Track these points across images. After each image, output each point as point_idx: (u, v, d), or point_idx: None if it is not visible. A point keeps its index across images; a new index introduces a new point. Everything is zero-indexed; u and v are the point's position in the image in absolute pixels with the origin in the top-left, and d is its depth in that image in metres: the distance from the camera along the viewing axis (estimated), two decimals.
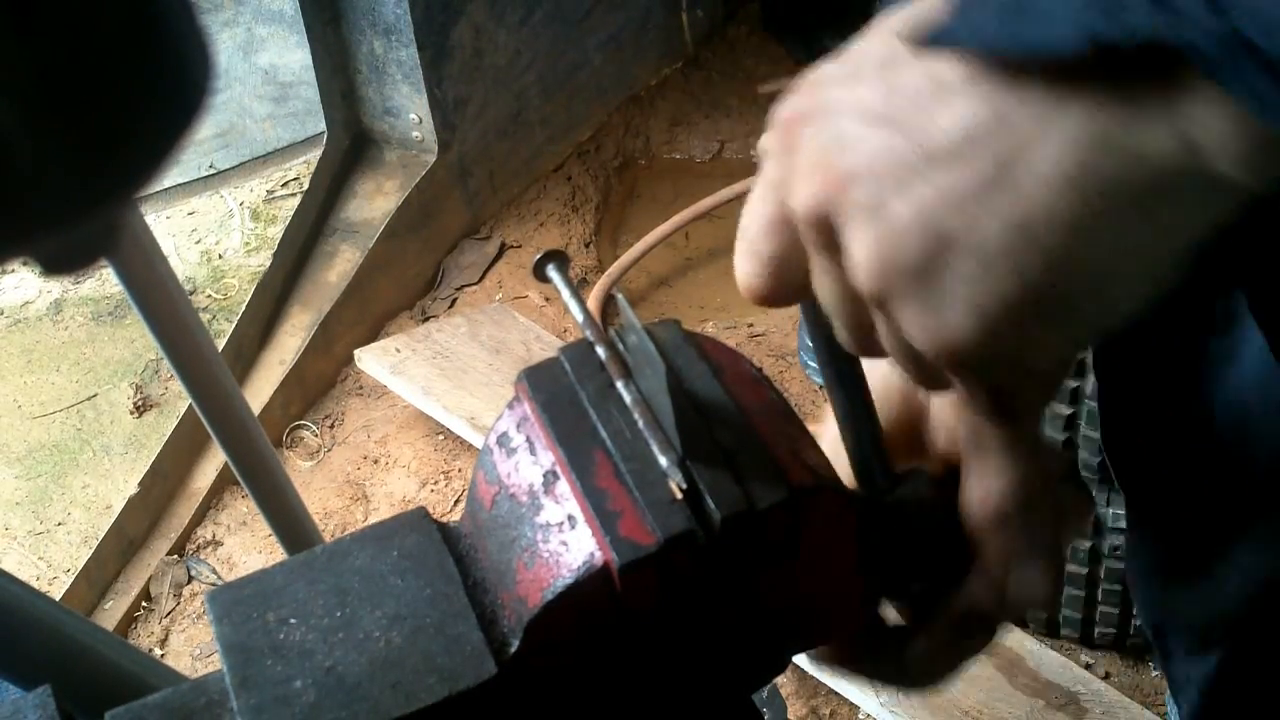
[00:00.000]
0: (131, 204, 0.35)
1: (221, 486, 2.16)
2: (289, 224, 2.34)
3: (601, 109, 2.81)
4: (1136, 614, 1.67)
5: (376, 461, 2.22)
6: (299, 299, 2.32)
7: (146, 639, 2.00)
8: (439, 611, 0.47)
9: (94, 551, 2.00)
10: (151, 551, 2.08)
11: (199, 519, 2.13)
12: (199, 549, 2.11)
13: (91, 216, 0.31)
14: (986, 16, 0.38)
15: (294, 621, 0.47)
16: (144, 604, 2.04)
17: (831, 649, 0.55)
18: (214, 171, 2.66)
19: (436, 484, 2.17)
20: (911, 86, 0.39)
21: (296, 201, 2.40)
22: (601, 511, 0.44)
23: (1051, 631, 1.80)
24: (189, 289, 2.40)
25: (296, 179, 2.60)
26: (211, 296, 2.44)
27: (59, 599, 1.86)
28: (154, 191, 2.49)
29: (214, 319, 2.36)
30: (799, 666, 1.77)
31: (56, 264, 0.33)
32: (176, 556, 2.09)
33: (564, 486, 0.46)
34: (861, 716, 1.79)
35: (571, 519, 0.45)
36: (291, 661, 0.46)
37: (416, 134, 2.40)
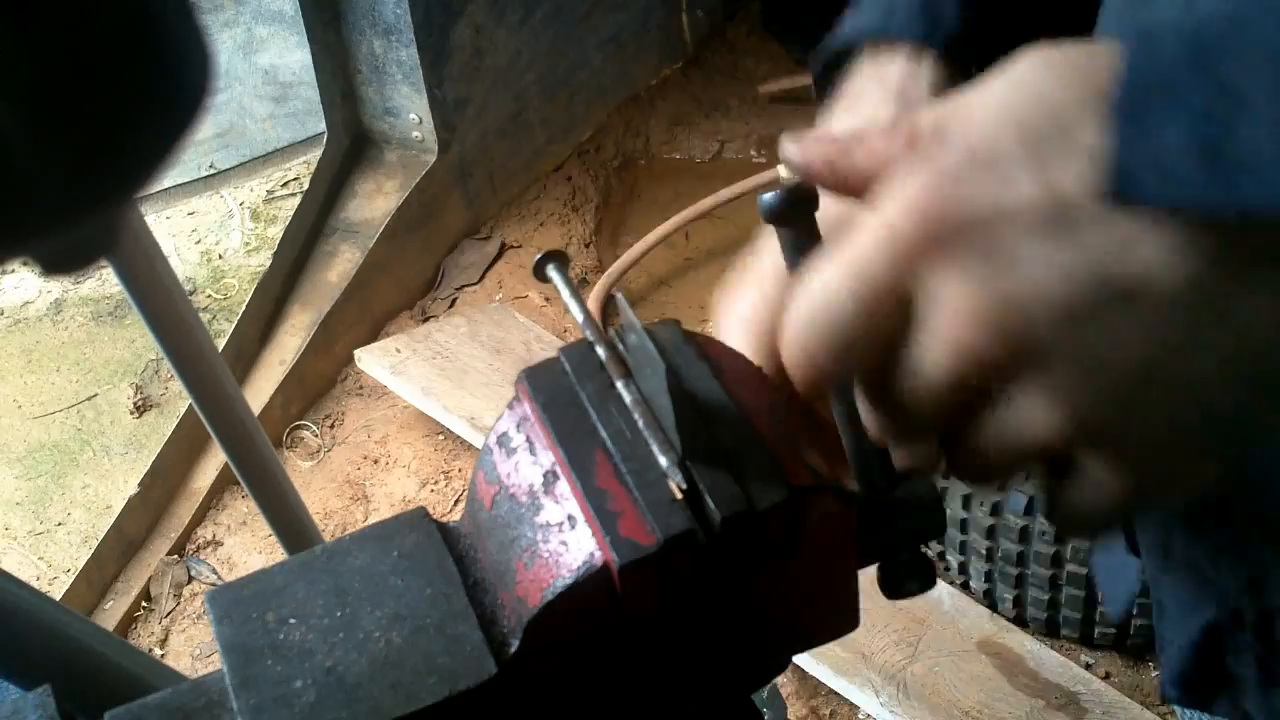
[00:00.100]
0: (131, 204, 0.35)
1: (221, 486, 2.16)
2: (289, 224, 2.34)
3: (601, 109, 2.81)
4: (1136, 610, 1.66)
5: (376, 461, 2.22)
6: (299, 299, 2.32)
7: (146, 639, 2.00)
8: (439, 611, 0.47)
9: (94, 551, 2.00)
10: (151, 551, 2.08)
11: (199, 519, 2.13)
12: (199, 549, 2.11)
13: (91, 217, 0.31)
14: (1178, 163, 0.35)
15: (294, 621, 0.47)
16: (144, 604, 2.04)
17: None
18: (214, 171, 2.66)
19: (436, 484, 2.17)
20: (1099, 238, 0.37)
21: (296, 201, 2.40)
22: (601, 512, 0.44)
23: (1051, 631, 1.80)
24: (189, 289, 2.40)
25: (296, 179, 2.60)
26: (211, 296, 2.44)
27: (59, 599, 1.86)
28: (154, 191, 2.49)
29: (214, 319, 2.36)
30: (799, 666, 1.77)
31: (56, 264, 0.33)
32: (176, 556, 2.09)
33: (564, 486, 0.46)
34: (861, 716, 1.79)
35: (571, 519, 0.45)
36: (291, 661, 0.46)
37: (416, 134, 2.40)
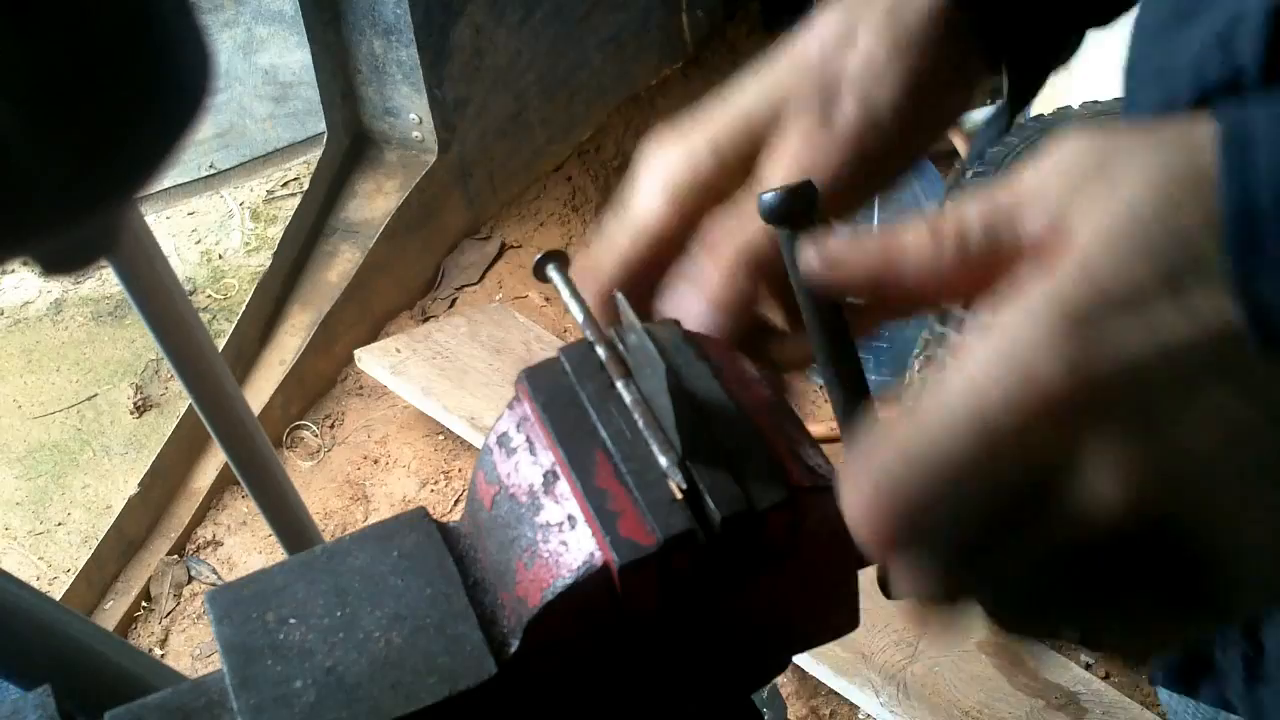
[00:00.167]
0: (131, 204, 0.35)
1: (221, 486, 2.16)
2: (289, 224, 2.34)
3: (601, 109, 2.81)
4: None
5: (376, 461, 2.22)
6: (299, 299, 2.32)
7: (146, 639, 2.00)
8: (439, 611, 0.47)
9: (94, 551, 2.00)
10: (151, 551, 2.08)
11: (199, 519, 2.13)
12: (199, 549, 2.11)
13: (91, 216, 0.31)
14: None
15: (294, 621, 0.47)
16: (144, 604, 2.04)
17: None
18: (214, 171, 2.66)
19: (436, 484, 2.17)
20: (1268, 383, 0.35)
21: (296, 201, 2.40)
22: (601, 511, 0.44)
23: None
24: (189, 289, 2.40)
25: (296, 179, 2.60)
26: (211, 296, 2.44)
27: (59, 599, 1.86)
28: (154, 191, 2.49)
29: (214, 319, 2.36)
30: (799, 666, 1.77)
31: (56, 264, 0.33)
32: (176, 556, 2.09)
33: (564, 486, 0.46)
34: (861, 716, 1.79)
35: (571, 519, 0.45)
36: (291, 661, 0.46)
37: (416, 134, 2.40)
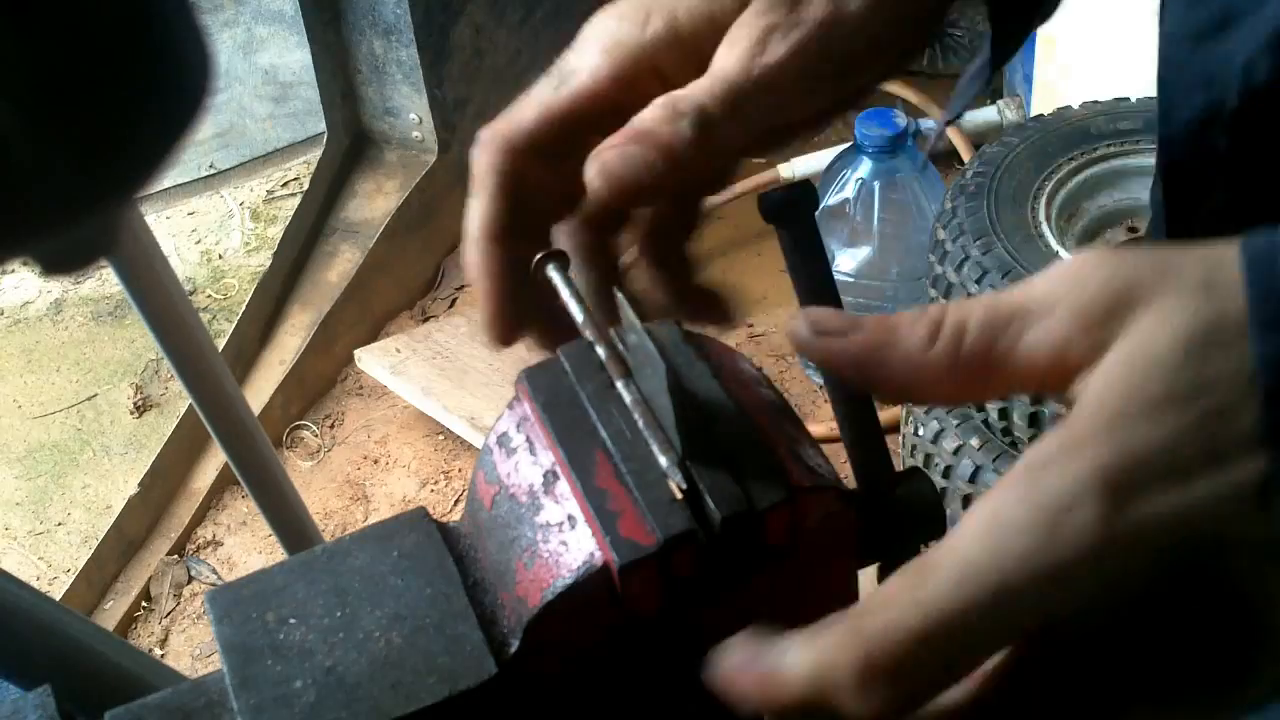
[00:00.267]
0: (131, 204, 0.35)
1: (221, 486, 2.16)
2: (289, 224, 2.34)
3: None
4: None
5: (376, 461, 2.22)
6: (299, 299, 2.32)
7: (146, 639, 2.00)
8: (439, 611, 0.47)
9: (94, 551, 2.00)
10: (151, 551, 2.08)
11: (199, 519, 2.13)
12: (199, 549, 2.11)
13: (91, 216, 0.31)
14: None
15: (294, 621, 0.47)
16: (144, 604, 2.04)
17: None
18: (214, 171, 2.66)
19: (436, 484, 2.17)
20: None
21: (296, 201, 2.40)
22: (601, 511, 0.44)
23: None
24: (189, 289, 2.40)
25: (296, 179, 2.60)
26: (211, 296, 2.44)
27: (59, 599, 1.86)
28: (154, 191, 2.49)
29: (214, 319, 2.36)
30: None
31: (56, 264, 0.33)
32: (176, 556, 2.09)
33: (564, 486, 0.46)
34: None
35: (571, 519, 0.45)
36: (291, 661, 0.46)
37: (416, 134, 2.40)
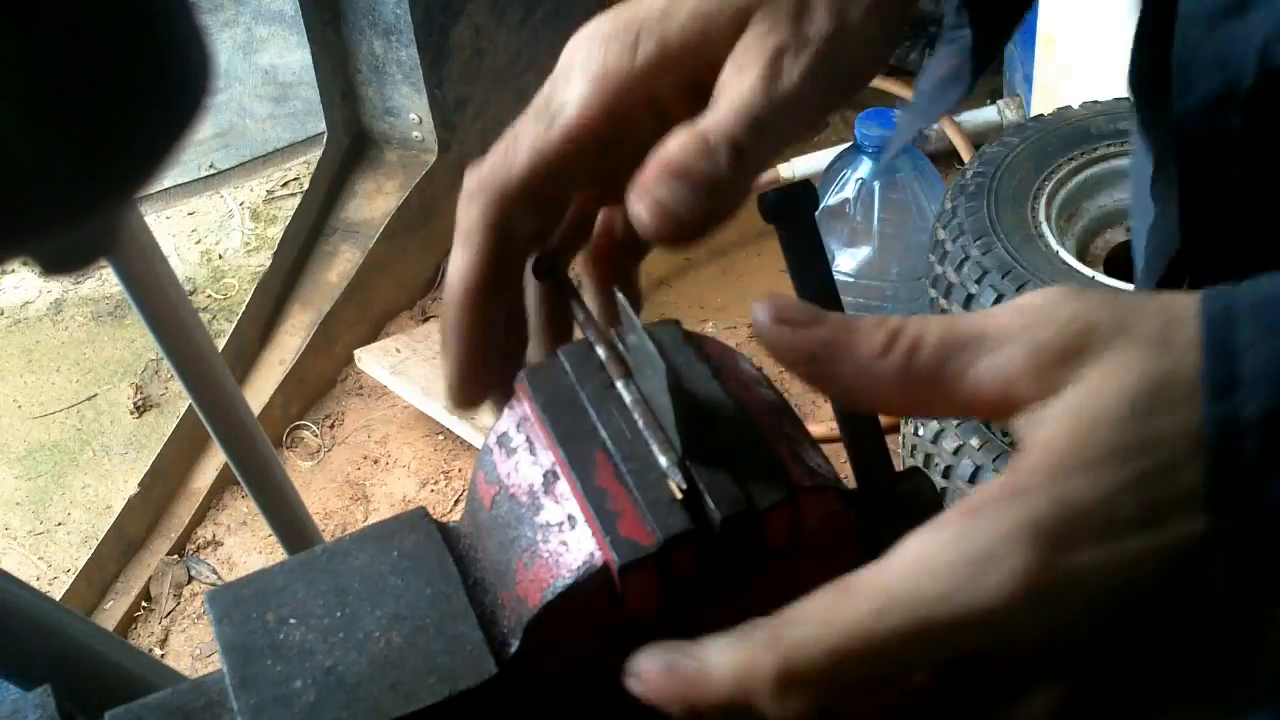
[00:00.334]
0: (131, 204, 0.35)
1: (221, 486, 2.16)
2: (289, 224, 2.34)
3: None
4: None
5: (376, 461, 2.22)
6: (299, 299, 2.32)
7: (146, 639, 2.00)
8: (439, 611, 0.47)
9: (94, 551, 2.00)
10: (151, 551, 2.08)
11: (199, 519, 2.13)
12: (199, 549, 2.11)
13: (92, 216, 0.31)
14: None
15: (294, 621, 0.47)
16: (144, 604, 2.04)
17: None
18: (214, 171, 2.66)
19: (436, 484, 2.17)
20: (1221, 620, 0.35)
21: (296, 201, 2.40)
22: (601, 511, 0.44)
23: None
24: (189, 289, 2.40)
25: (296, 179, 2.60)
26: (211, 296, 2.44)
27: (59, 599, 1.86)
28: (154, 191, 2.49)
29: (214, 319, 2.36)
30: None
31: (56, 264, 0.33)
32: (176, 556, 2.09)
33: (564, 486, 0.46)
34: None
35: (571, 519, 0.45)
36: (291, 661, 0.46)
37: (417, 134, 2.40)
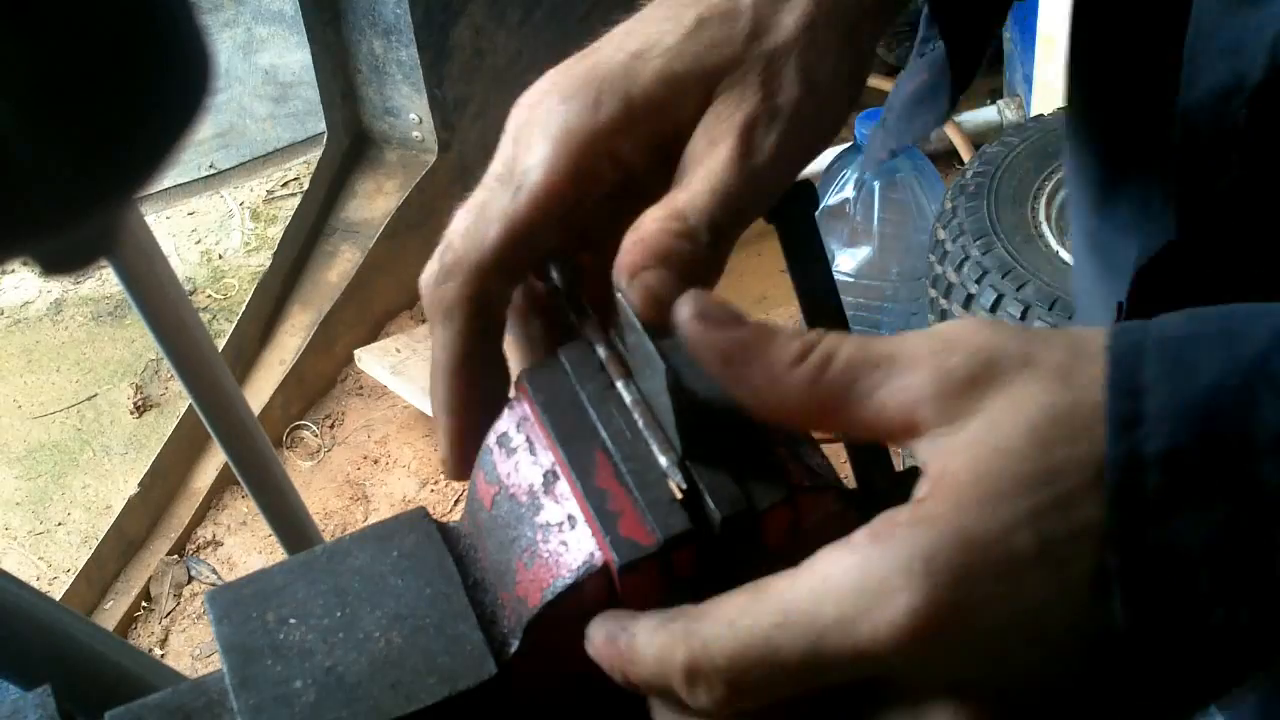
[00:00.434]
0: (131, 204, 0.35)
1: (221, 486, 2.16)
2: (289, 224, 2.34)
3: None
4: None
5: (376, 461, 2.22)
6: (299, 299, 2.32)
7: (146, 639, 2.00)
8: (439, 611, 0.47)
9: (94, 551, 2.00)
10: (151, 551, 2.08)
11: (199, 519, 2.13)
12: (199, 549, 2.11)
13: (92, 216, 0.31)
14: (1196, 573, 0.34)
15: (294, 621, 0.47)
16: (144, 604, 2.04)
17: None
18: (214, 171, 2.66)
19: (436, 484, 2.17)
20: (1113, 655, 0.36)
21: (296, 201, 2.40)
22: (601, 511, 0.44)
23: None
24: (189, 289, 2.40)
25: (296, 179, 2.60)
26: (211, 296, 2.44)
27: (59, 599, 1.86)
28: (154, 191, 2.49)
29: (214, 319, 2.36)
30: None
31: (56, 264, 0.33)
32: (176, 556, 2.09)
33: (564, 486, 0.46)
34: None
35: (571, 519, 0.45)
36: (291, 661, 0.46)
37: (417, 134, 2.40)
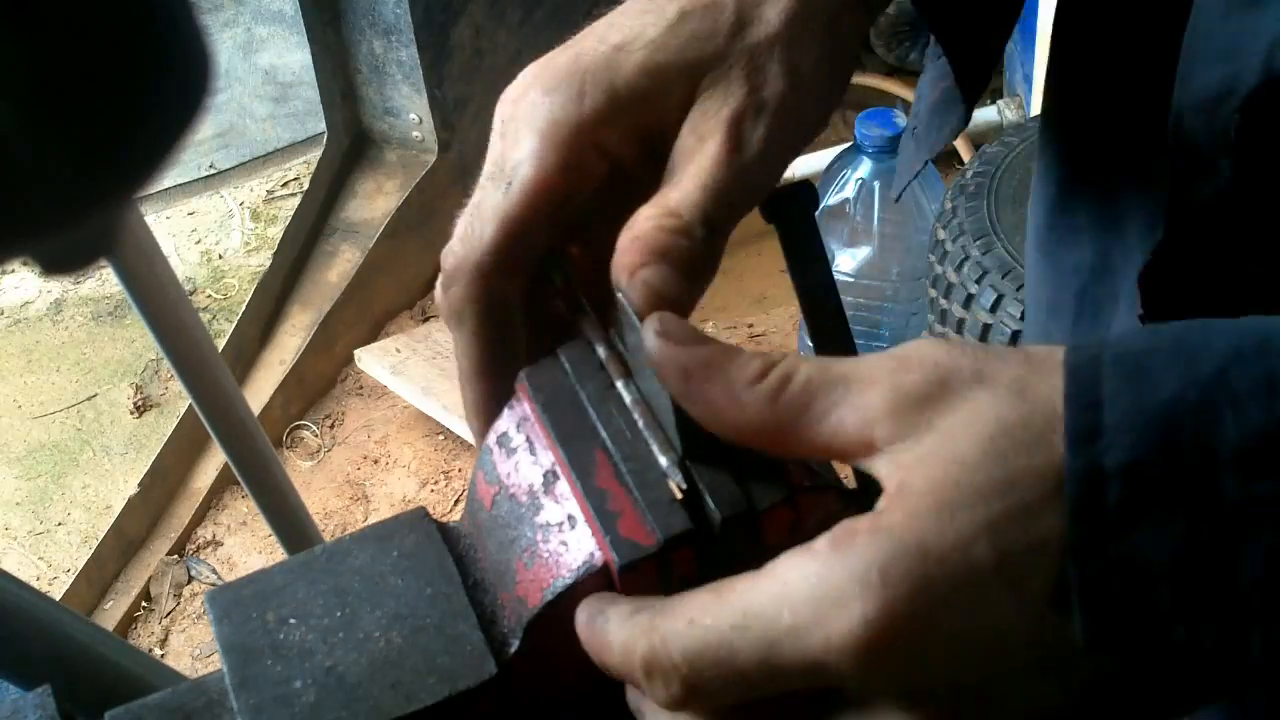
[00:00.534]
0: (131, 204, 0.35)
1: (221, 486, 2.16)
2: (289, 224, 2.34)
3: None
4: None
5: (376, 461, 2.22)
6: (299, 299, 2.32)
7: (146, 639, 2.00)
8: (439, 611, 0.47)
9: (94, 551, 2.00)
10: (151, 551, 2.08)
11: (199, 519, 2.13)
12: (199, 549, 2.11)
13: (92, 216, 0.31)
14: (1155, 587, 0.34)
15: (294, 621, 0.47)
16: (144, 604, 2.04)
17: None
18: (214, 171, 2.66)
19: (436, 484, 2.17)
20: (1081, 674, 0.36)
21: (296, 201, 2.40)
22: (601, 511, 0.44)
23: None
24: (189, 289, 2.40)
25: (296, 179, 2.60)
26: (211, 296, 2.44)
27: (59, 599, 1.86)
28: (154, 191, 2.49)
29: (214, 319, 2.36)
30: None
31: (56, 264, 0.33)
32: (176, 556, 2.09)
33: (564, 486, 0.46)
34: None
35: (571, 519, 0.45)
36: (291, 661, 0.46)
37: (417, 134, 2.40)
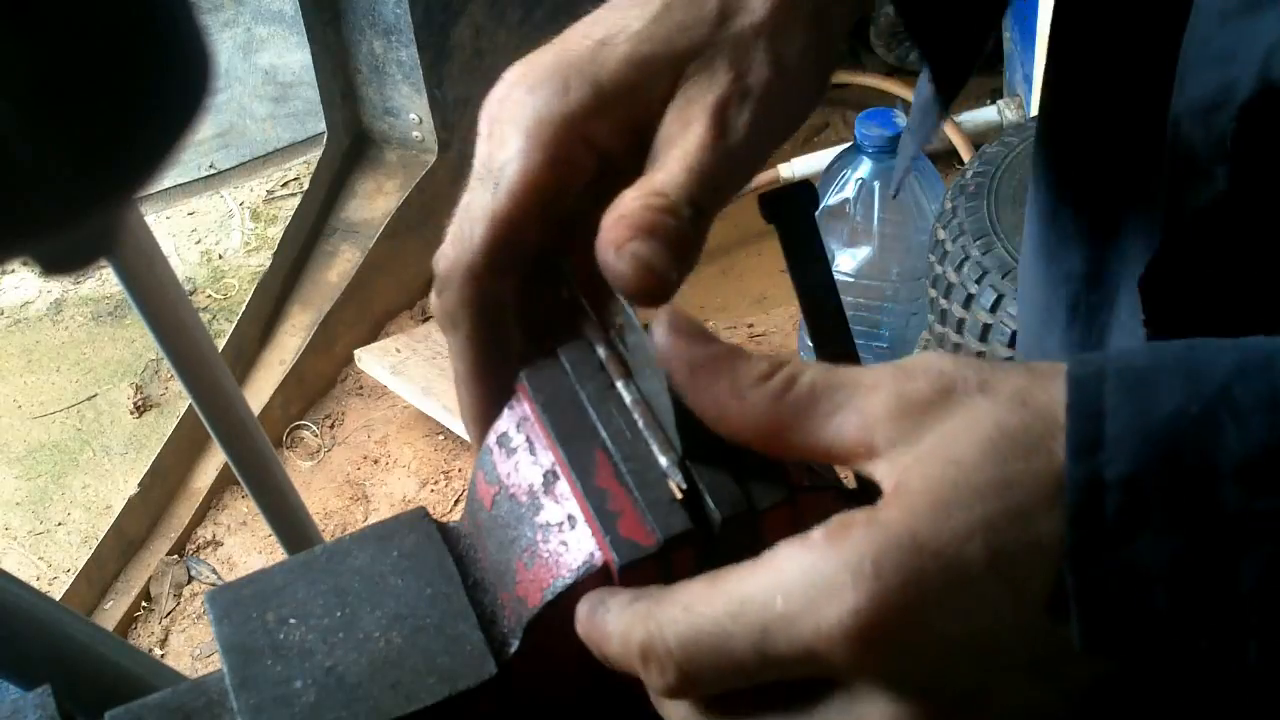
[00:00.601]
0: (131, 204, 0.35)
1: (221, 486, 2.16)
2: (289, 224, 2.34)
3: None
4: None
5: (376, 461, 2.22)
6: (299, 299, 2.32)
7: (146, 639, 2.00)
8: (439, 611, 0.47)
9: (94, 551, 2.00)
10: (151, 551, 2.08)
11: (199, 519, 2.13)
12: (199, 549, 2.11)
13: (92, 216, 0.31)
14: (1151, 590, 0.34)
15: (294, 621, 0.47)
16: (144, 604, 2.04)
17: None
18: (214, 171, 2.66)
19: (436, 484, 2.17)
20: (1074, 677, 0.36)
21: (296, 201, 2.40)
22: (601, 511, 0.44)
23: None
24: (189, 289, 2.40)
25: (296, 179, 2.60)
26: (211, 296, 2.44)
27: (59, 599, 1.86)
28: (154, 191, 2.49)
29: (214, 319, 2.36)
30: None
31: (56, 264, 0.33)
32: (176, 556, 2.09)
33: (564, 486, 0.46)
34: None
35: (571, 519, 0.45)
36: (291, 661, 0.46)
37: (417, 134, 2.40)
